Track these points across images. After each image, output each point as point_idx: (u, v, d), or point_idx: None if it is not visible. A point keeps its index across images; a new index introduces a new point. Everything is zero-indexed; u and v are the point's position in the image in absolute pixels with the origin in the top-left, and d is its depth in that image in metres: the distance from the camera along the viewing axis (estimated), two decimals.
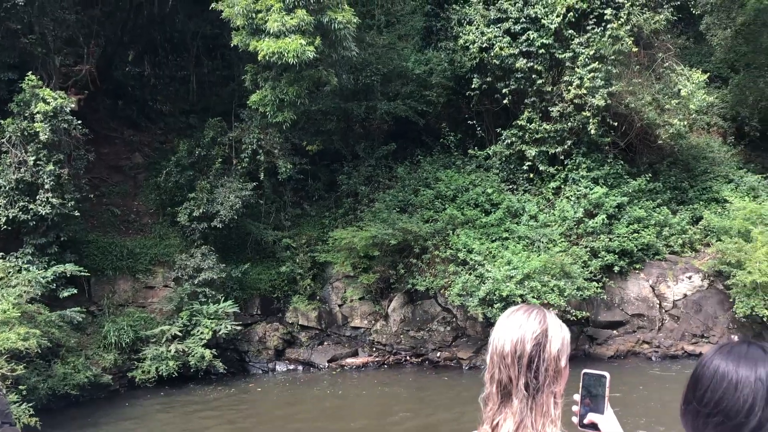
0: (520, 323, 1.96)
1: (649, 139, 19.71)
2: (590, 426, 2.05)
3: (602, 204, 17.95)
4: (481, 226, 17.50)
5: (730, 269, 17.04)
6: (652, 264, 18.22)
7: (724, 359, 1.57)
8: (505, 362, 1.92)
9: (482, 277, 15.82)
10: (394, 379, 15.95)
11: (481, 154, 19.41)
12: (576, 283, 16.02)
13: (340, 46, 15.64)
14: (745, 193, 20.03)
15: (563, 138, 18.67)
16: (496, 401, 1.93)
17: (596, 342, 17.16)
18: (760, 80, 22.61)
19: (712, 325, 17.40)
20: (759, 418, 1.46)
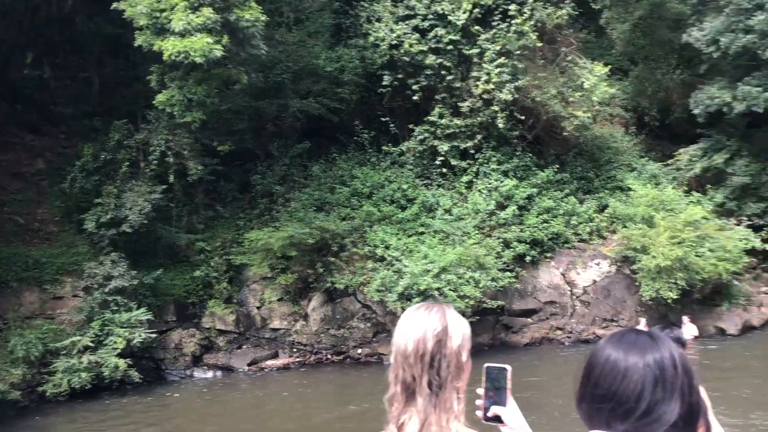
0: (421, 322, 1.96)
1: (556, 131, 20.31)
2: (494, 418, 2.08)
3: (513, 196, 18.41)
4: (398, 221, 17.66)
5: (635, 254, 17.78)
6: (562, 252, 18.81)
7: (614, 348, 1.62)
8: (408, 362, 1.92)
9: (400, 272, 15.96)
10: (315, 378, 15.90)
11: (395, 150, 19.55)
12: (490, 274, 16.36)
13: (248, 44, 15.44)
14: (647, 180, 20.94)
15: (473, 132, 19.02)
16: (401, 401, 1.93)
17: (512, 330, 17.57)
18: (657, 72, 23.62)
19: (620, 309, 18.10)
20: (648, 403, 1.53)
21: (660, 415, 1.53)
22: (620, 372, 1.58)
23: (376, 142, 19.83)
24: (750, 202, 20.50)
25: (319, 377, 15.94)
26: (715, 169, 20.92)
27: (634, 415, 1.54)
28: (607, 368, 1.60)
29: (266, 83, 18.30)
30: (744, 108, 19.44)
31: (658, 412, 1.53)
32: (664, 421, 1.52)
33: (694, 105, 20.78)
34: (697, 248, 17.58)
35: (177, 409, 14.58)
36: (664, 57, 23.86)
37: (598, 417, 1.60)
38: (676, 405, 1.54)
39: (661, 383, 1.55)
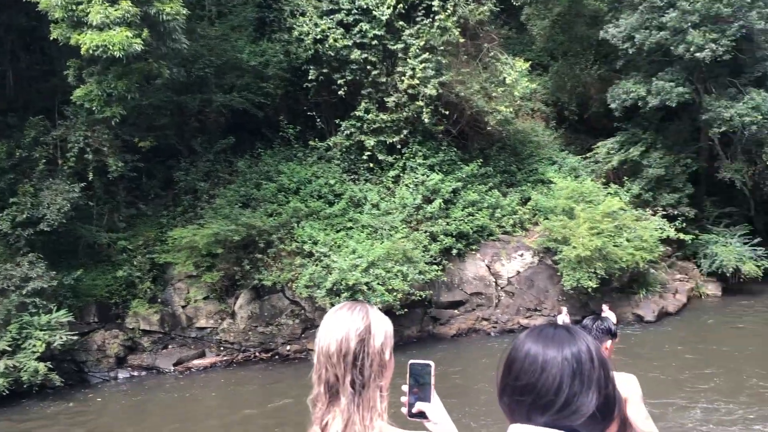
0: (344, 321, 1.96)
1: (479, 125, 20.63)
2: (419, 414, 2.11)
3: (439, 190, 18.63)
4: (326, 217, 17.62)
5: (557, 245, 18.27)
6: (487, 244, 19.16)
7: (533, 342, 1.66)
8: (331, 362, 1.93)
9: (329, 267, 15.94)
10: (243, 376, 15.73)
11: (321, 145, 19.49)
12: (418, 267, 16.53)
13: (169, 38, 15.08)
14: (567, 173, 21.52)
15: (400, 127, 19.15)
16: (324, 401, 1.93)
17: (439, 322, 17.80)
18: (576, 67, 24.28)
19: (543, 299, 18.57)
20: (566, 395, 1.57)
21: (578, 407, 1.57)
22: (539, 365, 1.62)
23: (302, 137, 19.71)
24: (664, 193, 21.34)
25: (247, 375, 15.78)
26: (632, 161, 21.68)
27: (554, 408, 1.58)
28: (527, 362, 1.64)
29: (189, 78, 17.92)
30: (658, 102, 20.20)
31: (576, 404, 1.57)
32: (582, 412, 1.57)
33: (611, 99, 21.47)
34: (615, 238, 18.21)
35: (100, 412, 14.18)
36: (582, 53, 24.55)
37: (518, 410, 1.64)
38: (593, 397, 1.59)
39: (579, 376, 1.60)
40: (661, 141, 21.81)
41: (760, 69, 20.98)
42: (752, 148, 21.69)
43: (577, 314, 18.11)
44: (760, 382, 12.44)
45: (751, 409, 11.13)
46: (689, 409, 11.23)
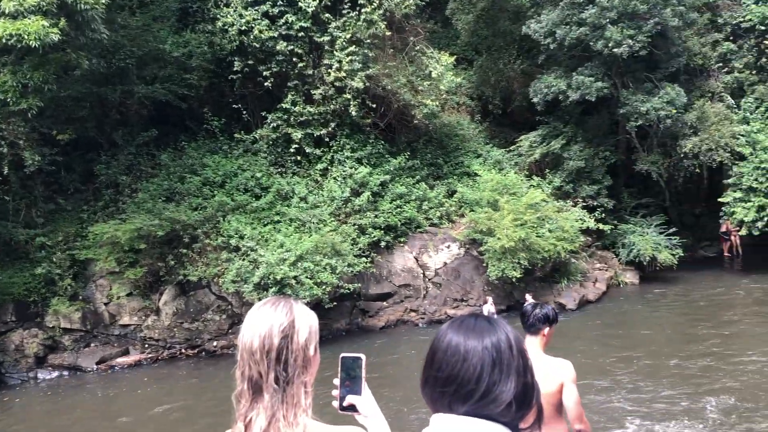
0: (267, 317, 1.96)
1: (407, 119, 20.78)
2: (350, 408, 2.14)
3: (367, 183, 18.69)
4: (252, 210, 17.43)
5: (482, 237, 18.60)
6: (414, 236, 19.36)
7: (455, 332, 1.71)
8: (254, 358, 1.92)
9: (256, 262, 15.79)
10: (169, 374, 15.45)
11: (247, 138, 19.26)
12: (347, 260, 16.56)
13: (88, 27, 14.61)
14: (491, 166, 21.91)
15: (327, 120, 19.11)
16: (248, 397, 1.93)
17: (368, 315, 17.89)
18: (500, 62, 24.68)
19: (470, 289, 18.89)
20: (487, 384, 1.62)
21: (497, 395, 1.63)
22: (461, 355, 1.67)
23: (227, 129, 19.43)
24: (584, 185, 21.98)
25: (173, 372, 15.51)
26: (553, 154, 22.23)
27: (474, 397, 1.63)
28: (449, 352, 1.69)
29: (109, 69, 17.41)
30: (578, 96, 20.75)
31: (496, 393, 1.63)
32: (501, 400, 1.63)
33: (533, 94, 21.95)
34: (538, 229, 18.68)
35: (19, 414, 13.69)
36: (505, 48, 24.97)
37: (441, 400, 1.69)
38: (511, 385, 1.65)
39: (498, 365, 1.66)
40: (581, 134, 22.43)
41: (674, 64, 21.81)
42: (667, 141, 22.55)
43: (502, 303, 18.55)
44: (681, 363, 13.01)
45: (674, 387, 11.69)
46: (616, 389, 11.72)
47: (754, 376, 11.94)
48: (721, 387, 11.53)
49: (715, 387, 11.59)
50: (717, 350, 13.83)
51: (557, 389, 4.50)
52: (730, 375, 12.05)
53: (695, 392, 11.25)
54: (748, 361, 12.73)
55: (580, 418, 4.55)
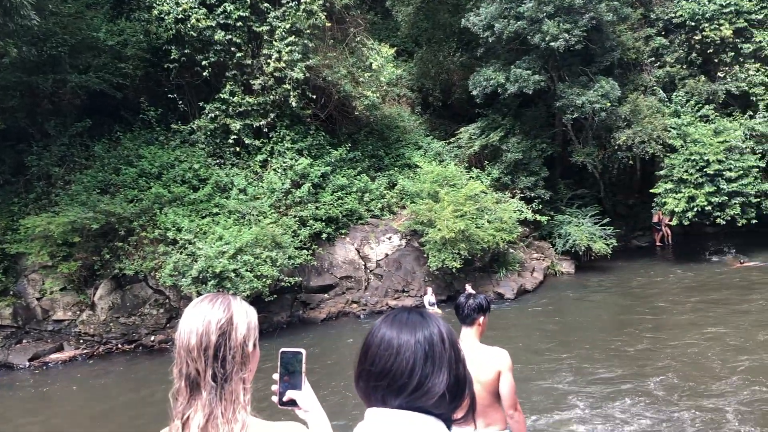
0: (205, 314, 1.94)
1: (347, 110, 20.76)
2: (289, 403, 2.13)
3: (308, 174, 18.60)
4: (190, 202, 17.15)
5: (423, 228, 18.74)
6: (356, 228, 19.37)
7: (388, 327, 1.73)
8: (191, 356, 1.90)
9: (194, 255, 15.55)
10: (105, 369, 15.11)
11: (185, 128, 18.92)
12: (287, 253, 16.46)
13: (17, 14, 14.10)
14: (432, 158, 22.09)
15: (266, 111, 18.91)
16: (185, 395, 1.91)
17: (309, 307, 17.84)
18: (439, 54, 24.86)
19: (411, 280, 19.01)
20: (419, 377, 1.65)
21: (430, 387, 1.65)
22: (394, 350, 1.69)
23: (164, 119, 19.05)
24: (522, 177, 22.35)
25: (109, 368, 15.18)
26: (492, 146, 22.54)
27: (407, 390, 1.65)
28: (382, 347, 1.71)
29: (40, 57, 16.85)
30: (516, 89, 21.05)
31: (428, 385, 1.66)
32: (434, 393, 1.65)
33: (473, 86, 22.17)
34: (477, 220, 18.92)
35: None
36: (445, 40, 25.16)
37: (374, 394, 1.71)
38: (444, 377, 1.67)
39: (431, 358, 1.68)
40: (519, 126, 22.79)
41: (608, 58, 22.32)
42: (602, 134, 23.09)
43: (443, 294, 18.74)
44: (620, 346, 13.40)
45: (616, 369, 12.06)
46: (558, 372, 12.03)
47: (693, 357, 12.40)
48: (663, 366, 11.99)
49: (657, 366, 12.05)
50: (653, 335, 14.33)
51: (495, 377, 4.60)
52: (669, 357, 12.49)
53: (637, 373, 11.60)
54: (684, 344, 13.20)
55: (514, 405, 4.67)
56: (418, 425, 1.63)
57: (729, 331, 13.98)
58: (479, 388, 4.57)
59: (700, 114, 23.84)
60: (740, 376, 11.04)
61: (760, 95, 23.64)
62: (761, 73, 23.70)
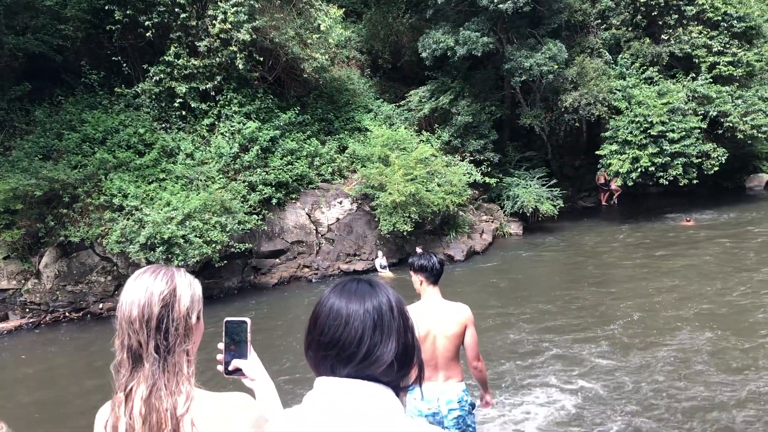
0: (147, 286, 1.93)
1: (296, 73, 20.50)
2: (235, 372, 2.15)
3: (256, 138, 18.38)
4: (136, 168, 16.81)
5: (374, 192, 18.78)
6: (306, 193, 19.30)
7: (337, 297, 1.75)
8: (133, 327, 1.90)
9: (141, 221, 15.31)
10: (53, 338, 14.88)
11: (129, 92, 18.45)
12: (237, 218, 16.33)
13: None
14: (382, 121, 22.04)
15: (213, 73, 18.56)
16: (127, 367, 1.91)
17: (261, 272, 17.80)
18: (389, 15, 24.66)
19: (362, 244, 19.08)
20: (368, 346, 1.67)
21: (378, 356, 1.69)
22: (343, 319, 1.71)
23: (107, 83, 18.54)
24: (472, 139, 22.50)
25: (57, 337, 14.95)
26: (442, 109, 22.58)
27: (356, 359, 1.68)
28: (331, 317, 1.72)
29: None
30: (465, 52, 21.06)
31: (377, 354, 1.69)
32: (382, 361, 1.68)
33: (422, 49, 22.09)
34: (428, 184, 19.02)
35: None
36: (394, 1, 24.94)
37: (323, 363, 1.73)
38: (392, 346, 1.71)
39: (380, 327, 1.71)
40: (468, 89, 22.85)
41: (556, 21, 22.46)
42: (549, 96, 23.33)
43: (394, 257, 18.88)
44: (572, 300, 13.79)
45: (571, 320, 12.52)
46: (514, 326, 12.38)
47: (645, 307, 12.91)
48: (620, 315, 12.50)
49: (614, 315, 12.57)
50: (605, 289, 14.84)
51: (460, 331, 4.85)
52: (623, 308, 12.94)
53: (594, 323, 11.94)
54: (635, 295, 13.66)
55: (478, 356, 4.96)
56: (367, 393, 1.66)
57: (678, 283, 14.60)
58: (445, 341, 4.82)
59: (644, 76, 24.26)
60: (692, 322, 11.54)
61: (702, 57, 24.13)
62: (703, 35, 24.16)
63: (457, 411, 4.90)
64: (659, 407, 8.08)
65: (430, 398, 4.90)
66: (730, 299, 12.92)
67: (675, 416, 7.79)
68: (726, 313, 12.06)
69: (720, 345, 10.34)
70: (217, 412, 1.93)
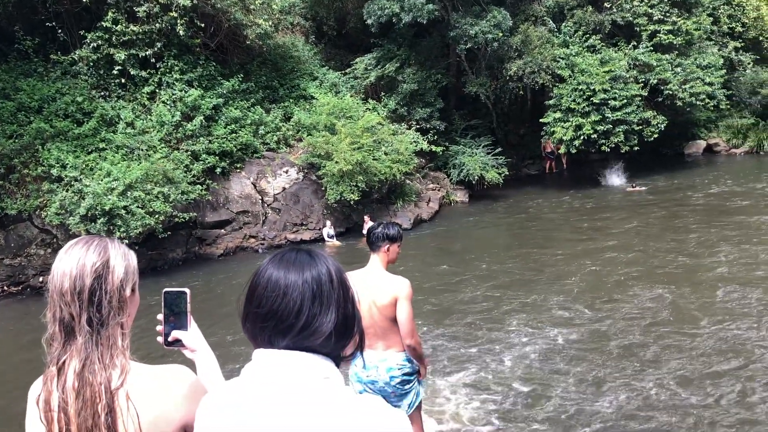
0: (79, 257, 1.88)
1: (239, 39, 20.12)
2: (175, 343, 2.12)
3: (199, 106, 18.04)
4: (75, 137, 16.35)
5: (320, 161, 18.67)
6: (252, 162, 19.07)
7: (276, 267, 1.71)
8: (65, 299, 1.85)
9: (81, 192, 14.93)
10: None
11: (65, 59, 17.85)
12: (180, 188, 16.07)
13: None
14: (328, 89, 21.84)
15: (153, 40, 18.08)
16: (60, 340, 1.86)
17: (206, 243, 17.60)
18: None
19: (309, 213, 19.01)
20: (306, 317, 1.65)
21: (317, 327, 1.66)
22: (281, 290, 1.68)
23: (42, 50, 17.90)
24: (418, 108, 22.51)
25: None
26: (388, 77, 22.50)
27: (294, 330, 1.65)
28: (270, 288, 1.68)
29: None
30: (410, 19, 20.96)
31: (316, 325, 1.66)
32: (321, 332, 1.66)
33: (367, 15, 21.90)
34: (375, 152, 19.00)
35: None
36: None
37: (261, 335, 1.70)
38: (332, 316, 1.68)
39: (319, 298, 1.68)
40: (414, 57, 22.80)
41: None
42: (494, 64, 23.45)
43: (342, 226, 18.88)
44: (518, 266, 13.92)
45: (521, 278, 12.88)
46: (468, 283, 12.66)
47: (595, 265, 13.32)
48: (573, 272, 12.90)
49: (567, 272, 12.95)
50: (553, 251, 15.18)
51: (390, 303, 4.80)
52: (574, 267, 13.27)
53: (539, 287, 12.14)
54: (584, 255, 13.96)
55: (411, 333, 4.85)
56: (306, 365, 1.64)
57: (625, 243, 15.06)
58: (376, 312, 4.78)
59: (587, 44, 24.55)
60: (642, 279, 11.91)
61: (643, 26, 24.53)
62: (644, 4, 24.53)
63: (397, 378, 4.94)
64: (620, 356, 8.32)
65: (371, 366, 4.93)
66: (678, 258, 13.41)
67: (633, 365, 8.03)
68: (673, 271, 12.54)
69: (671, 299, 10.77)
70: (154, 384, 1.90)
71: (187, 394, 1.91)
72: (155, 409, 1.86)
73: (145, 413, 1.85)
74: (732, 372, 7.69)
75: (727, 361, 8.02)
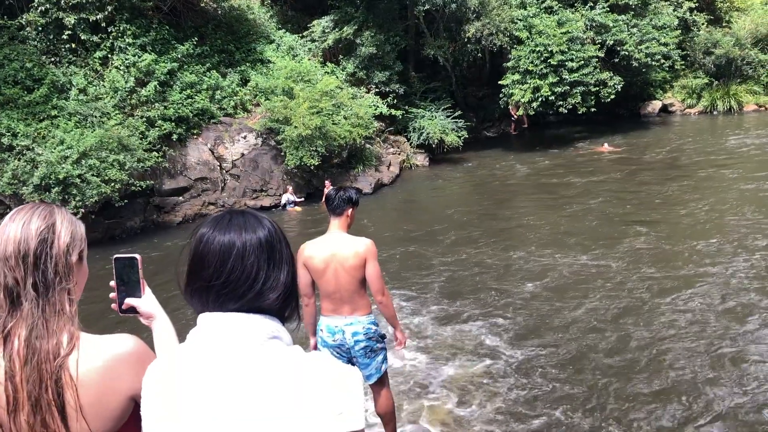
0: (23, 222, 1.86)
1: (192, 2, 19.69)
2: (130, 310, 2.10)
3: (153, 71, 17.66)
4: (25, 105, 15.90)
5: (279, 126, 18.47)
6: (209, 128, 18.79)
7: (222, 232, 1.66)
8: (9, 264, 1.81)
9: (34, 161, 14.59)
10: None
11: (12, 24, 17.24)
12: (136, 155, 15.79)
13: None
14: (285, 52, 21.54)
15: (103, 3, 17.57)
16: (5, 307, 1.82)
17: (164, 211, 17.37)
18: None
19: (268, 179, 18.86)
20: (264, 278, 1.65)
21: (271, 286, 1.66)
22: (238, 254, 1.65)
23: None
24: (376, 71, 22.34)
25: None
26: (346, 40, 22.25)
27: (251, 293, 1.63)
28: (224, 253, 1.63)
29: None
30: None
31: (269, 286, 1.66)
32: (275, 291, 1.66)
33: None
34: (334, 117, 18.87)
35: None
36: None
37: (212, 301, 1.67)
38: (283, 276, 1.69)
39: (272, 259, 1.67)
40: (372, 20, 22.56)
41: None
42: (452, 26, 23.35)
43: (302, 192, 18.78)
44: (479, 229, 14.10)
45: (487, 237, 13.16)
46: (434, 242, 12.90)
47: (565, 220, 13.81)
48: (545, 225, 13.34)
49: (538, 226, 13.35)
50: (520, 209, 15.48)
51: (359, 264, 4.87)
52: (538, 228, 13.53)
53: (500, 247, 12.30)
54: (539, 223, 14.12)
55: (381, 291, 4.96)
56: (254, 325, 1.63)
57: (597, 201, 15.41)
58: (345, 274, 4.83)
59: (544, 5, 24.57)
60: (605, 241, 12.05)
61: None
62: None
63: (363, 342, 4.99)
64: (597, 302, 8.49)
65: (336, 330, 4.97)
66: (649, 211, 13.96)
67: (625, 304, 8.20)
68: (649, 220, 13.05)
69: (651, 248, 11.17)
70: (98, 355, 1.88)
71: (133, 363, 1.89)
72: (101, 381, 1.84)
73: (91, 385, 1.83)
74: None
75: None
